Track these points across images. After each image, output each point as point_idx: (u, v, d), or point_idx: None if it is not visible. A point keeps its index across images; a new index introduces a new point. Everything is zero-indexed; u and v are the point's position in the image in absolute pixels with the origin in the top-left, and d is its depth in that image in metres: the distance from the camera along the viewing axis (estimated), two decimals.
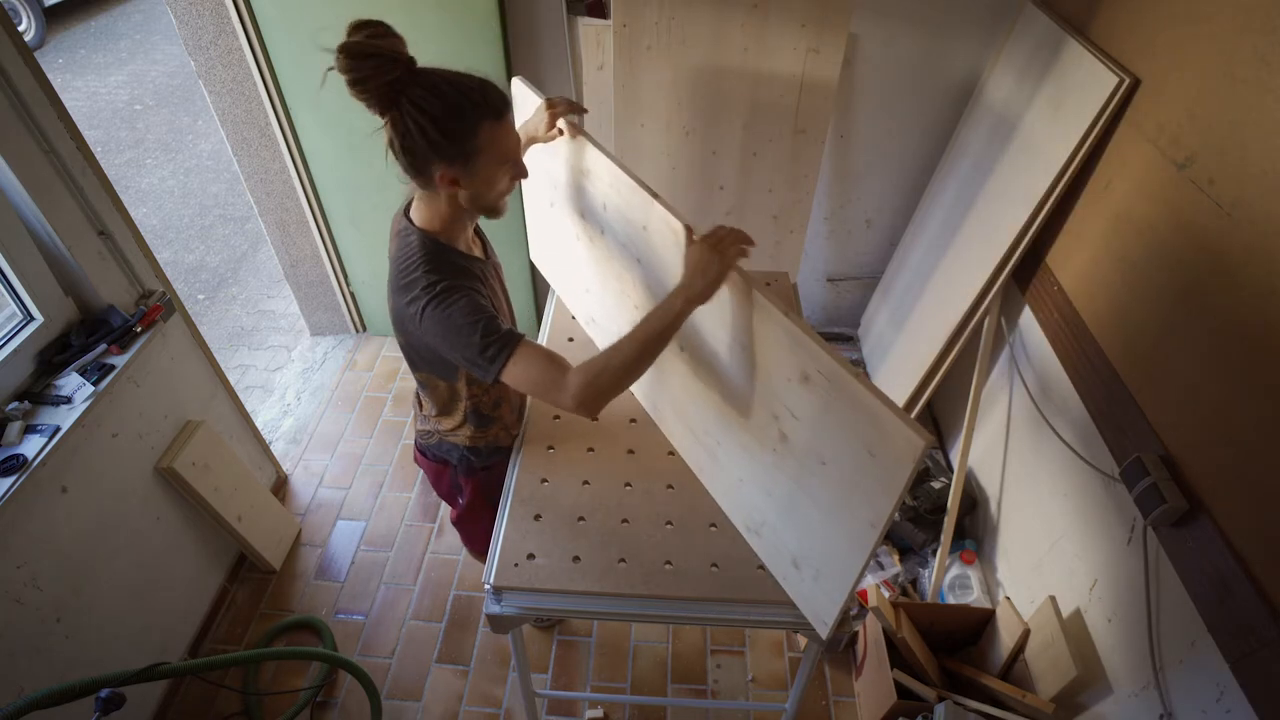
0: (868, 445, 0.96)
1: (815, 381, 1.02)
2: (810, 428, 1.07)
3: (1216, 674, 1.27)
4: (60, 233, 1.67)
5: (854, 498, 1.02)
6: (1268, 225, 1.25)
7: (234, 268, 3.84)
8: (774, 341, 1.08)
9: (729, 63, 2.13)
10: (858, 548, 1.05)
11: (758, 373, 1.15)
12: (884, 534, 0.99)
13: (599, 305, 1.71)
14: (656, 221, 1.27)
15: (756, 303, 1.09)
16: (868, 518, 1.00)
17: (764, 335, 1.11)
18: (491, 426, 1.52)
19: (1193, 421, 1.39)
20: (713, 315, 1.22)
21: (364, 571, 2.37)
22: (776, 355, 1.09)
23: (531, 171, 1.64)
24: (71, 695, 1.21)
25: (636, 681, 2.10)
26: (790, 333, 1.04)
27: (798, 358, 1.04)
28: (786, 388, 1.09)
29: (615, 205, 1.40)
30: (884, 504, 0.96)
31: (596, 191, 1.46)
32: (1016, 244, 1.94)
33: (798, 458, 1.12)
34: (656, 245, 1.31)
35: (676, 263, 1.24)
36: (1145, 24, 1.65)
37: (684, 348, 1.36)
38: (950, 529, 2.11)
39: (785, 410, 1.11)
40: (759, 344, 1.13)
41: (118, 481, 1.82)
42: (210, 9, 2.25)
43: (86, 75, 5.74)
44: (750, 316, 1.12)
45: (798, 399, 1.07)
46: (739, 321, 1.16)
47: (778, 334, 1.07)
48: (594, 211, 1.51)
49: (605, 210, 1.46)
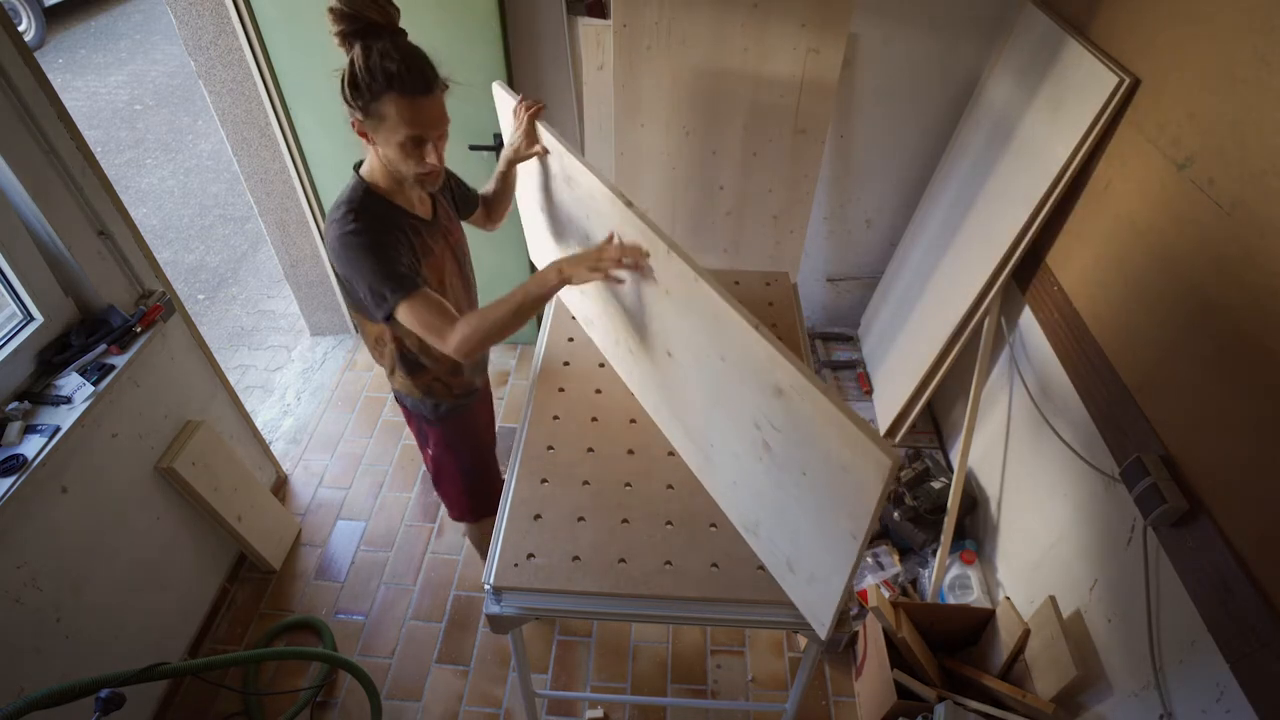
0: (840, 461, 0.95)
1: (789, 395, 1.01)
2: (789, 440, 1.07)
3: (1216, 674, 1.27)
4: (60, 233, 1.67)
5: (835, 510, 1.01)
6: (1268, 225, 1.25)
7: (234, 268, 3.84)
8: (749, 354, 1.08)
9: (729, 63, 2.13)
10: (843, 557, 1.04)
11: (737, 383, 1.15)
12: (865, 545, 0.98)
13: (595, 306, 1.71)
14: (632, 232, 1.27)
15: (729, 316, 1.08)
16: (849, 529, 0.99)
17: (739, 348, 1.10)
18: (423, 374, 1.54)
19: (1193, 421, 1.39)
20: (694, 327, 1.21)
21: (364, 571, 2.37)
22: (752, 368, 1.08)
23: (521, 176, 1.67)
24: (71, 695, 1.20)
25: (636, 681, 2.10)
26: (761, 347, 1.03)
27: (771, 371, 1.03)
28: (764, 400, 1.08)
29: (598, 212, 1.40)
30: (862, 519, 0.95)
31: (579, 198, 1.46)
32: (1016, 244, 1.94)
33: (781, 467, 1.12)
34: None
35: (655, 272, 1.25)
36: (1145, 24, 1.65)
37: (671, 354, 1.36)
38: (950, 529, 2.11)
39: (766, 421, 1.10)
40: (734, 356, 1.12)
41: (118, 481, 1.82)
42: (210, 9, 2.25)
43: (86, 75, 5.74)
44: (725, 329, 1.11)
45: (775, 411, 1.07)
46: (716, 334, 1.15)
47: (751, 347, 1.06)
48: (579, 219, 1.51)
49: (589, 219, 1.46)
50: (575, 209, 1.52)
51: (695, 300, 1.15)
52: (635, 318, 1.45)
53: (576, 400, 1.68)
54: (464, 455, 1.72)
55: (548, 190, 1.63)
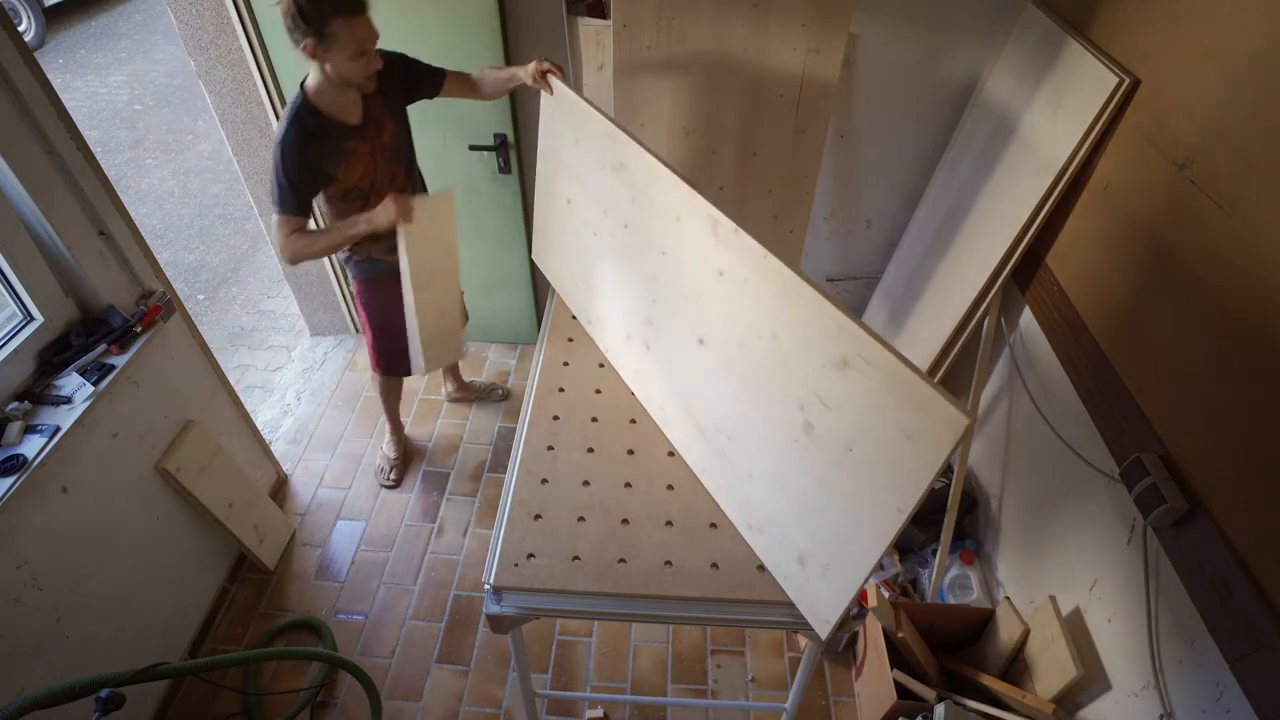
0: (904, 429, 0.97)
1: (855, 366, 1.04)
2: (840, 415, 1.09)
3: (1216, 674, 1.27)
4: (60, 233, 1.67)
5: (882, 484, 1.04)
6: (1267, 225, 1.25)
7: (234, 268, 3.84)
8: (812, 328, 1.10)
9: (729, 63, 2.13)
10: (879, 535, 1.06)
11: (787, 362, 1.17)
12: (910, 520, 1.01)
13: (607, 301, 1.71)
14: (694, 212, 1.30)
15: (800, 288, 1.11)
16: (895, 504, 1.01)
17: (800, 322, 1.12)
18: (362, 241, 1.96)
19: (1193, 421, 1.39)
20: (747, 308, 1.23)
21: (364, 571, 2.37)
22: (813, 342, 1.10)
23: (551, 170, 1.80)
24: (71, 695, 1.21)
25: (636, 681, 2.10)
26: (834, 318, 1.05)
27: (839, 343, 1.06)
28: (820, 375, 1.10)
29: (646, 197, 1.43)
30: (913, 490, 0.98)
31: (626, 185, 1.47)
32: (1016, 244, 1.94)
33: (821, 447, 1.13)
34: (686, 235, 1.33)
35: (701, 254, 1.29)
36: (1145, 24, 1.65)
37: (703, 341, 1.36)
38: (950, 529, 2.11)
39: (814, 399, 1.12)
40: (792, 332, 1.14)
41: (118, 481, 1.82)
42: (210, 9, 2.25)
43: (86, 75, 5.74)
44: (788, 305, 1.14)
45: (831, 385, 1.09)
46: (771, 311, 1.17)
47: (818, 320, 1.08)
48: (620, 205, 1.52)
49: (633, 204, 1.47)
50: (616, 196, 1.54)
51: (757, 277, 1.19)
52: (664, 307, 1.46)
53: (576, 400, 1.68)
54: (373, 315, 2.20)
55: (584, 182, 1.67)
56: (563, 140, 1.75)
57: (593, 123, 1.58)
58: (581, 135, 1.66)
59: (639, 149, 1.42)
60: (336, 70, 1.63)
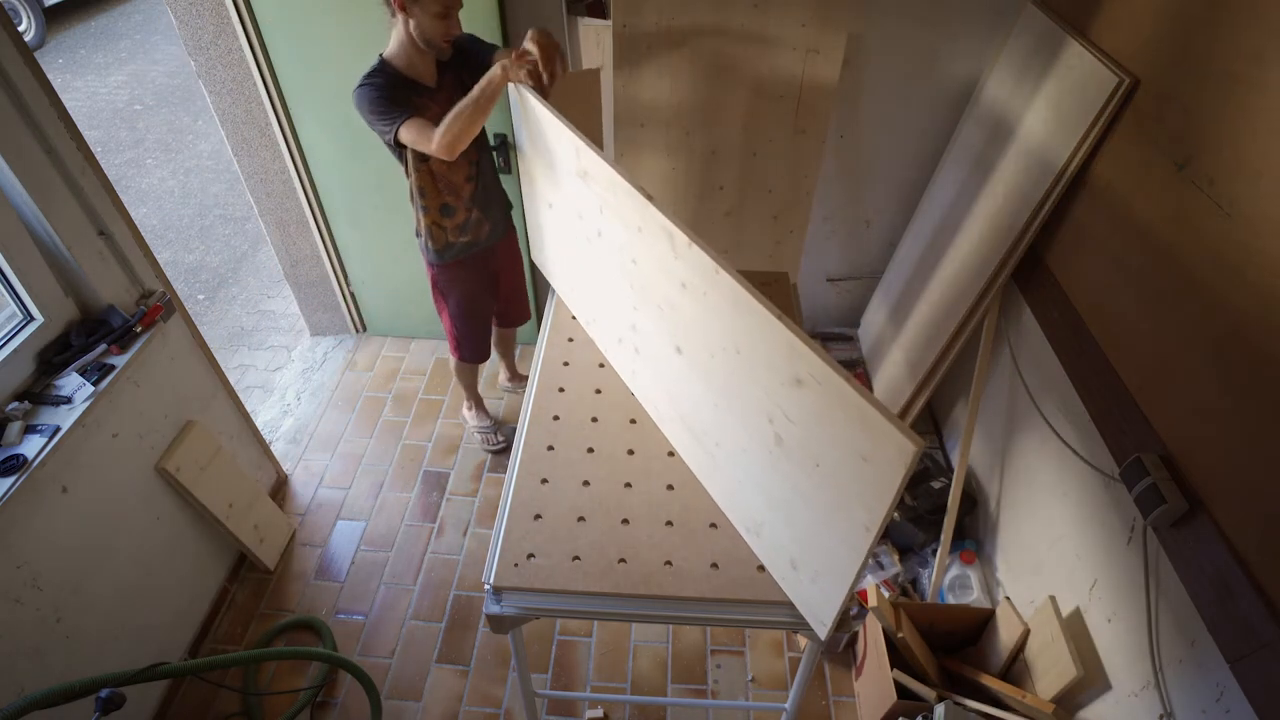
0: (860, 450, 0.95)
1: (808, 385, 1.01)
2: (804, 431, 1.07)
3: (1216, 674, 1.27)
4: (60, 233, 1.67)
5: (849, 501, 1.02)
6: (1267, 225, 1.25)
7: (234, 268, 3.84)
8: (766, 344, 1.08)
9: (729, 63, 2.13)
10: (853, 551, 1.04)
11: (753, 375, 1.15)
12: (879, 538, 0.98)
13: (600, 304, 1.71)
14: (650, 224, 1.27)
15: (750, 305, 1.08)
16: (862, 521, 1.00)
17: (756, 338, 1.10)
18: (425, 216, 2.00)
19: (1193, 421, 1.39)
20: (710, 320, 1.21)
21: (364, 571, 2.37)
22: (769, 358, 1.08)
23: (532, 172, 1.73)
24: (71, 695, 1.21)
25: (636, 681, 2.10)
26: (783, 336, 1.03)
27: (790, 361, 1.03)
28: (780, 391, 1.08)
29: (611, 206, 1.41)
30: (878, 509, 0.95)
31: (593, 193, 1.46)
32: (1016, 244, 1.94)
33: (793, 460, 1.12)
34: (649, 246, 1.31)
35: (665, 266, 1.26)
36: (1145, 24, 1.65)
37: (681, 350, 1.36)
38: (950, 529, 2.11)
39: (780, 413, 1.11)
40: (751, 347, 1.12)
41: (118, 481, 1.82)
42: (210, 9, 2.25)
43: (86, 75, 5.74)
44: (744, 319, 1.12)
45: (791, 402, 1.07)
46: (730, 325, 1.16)
47: (771, 337, 1.06)
48: (591, 213, 1.51)
49: (601, 213, 1.46)
50: (587, 204, 1.52)
51: (714, 291, 1.16)
52: (644, 314, 1.45)
53: (576, 400, 1.68)
54: (452, 302, 2.23)
55: (560, 188, 1.63)
56: (535, 145, 1.71)
57: (554, 130, 1.53)
58: (549, 142, 1.60)
59: (595, 157, 1.38)
60: (419, 28, 1.71)
